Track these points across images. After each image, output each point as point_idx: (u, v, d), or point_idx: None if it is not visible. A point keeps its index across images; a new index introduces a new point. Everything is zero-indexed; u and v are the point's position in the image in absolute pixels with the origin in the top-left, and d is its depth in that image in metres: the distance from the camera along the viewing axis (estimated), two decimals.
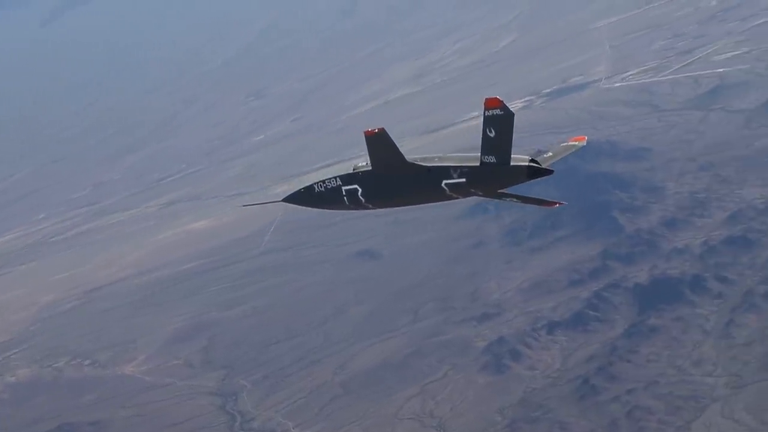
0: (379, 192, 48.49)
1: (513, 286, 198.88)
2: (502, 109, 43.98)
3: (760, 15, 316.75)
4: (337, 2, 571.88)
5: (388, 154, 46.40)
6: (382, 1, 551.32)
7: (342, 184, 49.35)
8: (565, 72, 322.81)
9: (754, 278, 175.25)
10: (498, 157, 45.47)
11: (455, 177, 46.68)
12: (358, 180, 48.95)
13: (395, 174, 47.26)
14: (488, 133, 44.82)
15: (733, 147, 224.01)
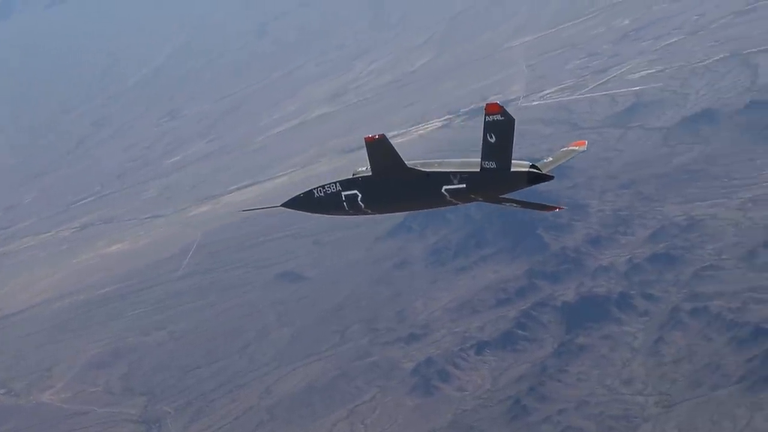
0: (379, 197, 48.29)
1: (439, 306, 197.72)
2: (502, 115, 44.07)
3: (672, 34, 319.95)
4: (248, 23, 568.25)
5: (387, 159, 46.38)
6: (293, 22, 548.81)
7: (341, 190, 49.11)
8: (482, 91, 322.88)
9: (678, 295, 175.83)
10: (498, 163, 45.29)
11: (455, 182, 46.48)
12: (358, 185, 48.67)
13: (395, 179, 47.05)
14: (488, 138, 44.72)
15: (653, 164, 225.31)
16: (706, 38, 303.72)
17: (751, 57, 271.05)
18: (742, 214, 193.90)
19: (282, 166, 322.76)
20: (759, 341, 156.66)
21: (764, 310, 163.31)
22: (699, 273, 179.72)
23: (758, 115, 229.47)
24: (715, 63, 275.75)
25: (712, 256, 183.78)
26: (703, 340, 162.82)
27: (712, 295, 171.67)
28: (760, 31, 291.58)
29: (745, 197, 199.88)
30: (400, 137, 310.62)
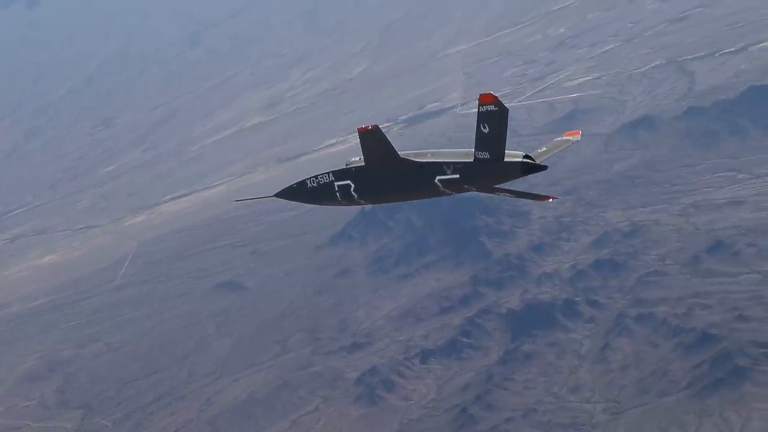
0: (372, 188, 48.01)
1: (382, 315, 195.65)
2: (496, 105, 43.73)
3: (608, 42, 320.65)
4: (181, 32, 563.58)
5: (380, 150, 46.05)
6: (226, 31, 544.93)
7: (334, 180, 48.73)
8: (420, 98, 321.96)
9: (623, 301, 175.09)
10: (492, 153, 45.16)
11: (449, 173, 46.42)
12: (351, 175, 48.31)
13: (388, 170, 46.86)
14: (482, 128, 44.61)
15: (594, 171, 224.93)
16: (642, 45, 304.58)
17: (686, 64, 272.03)
18: (684, 220, 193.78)
19: (219, 175, 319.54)
20: (706, 347, 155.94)
21: (710, 315, 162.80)
22: (643, 279, 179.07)
23: (696, 121, 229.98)
24: (652, 70, 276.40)
25: (656, 261, 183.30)
26: (649, 347, 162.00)
27: (657, 301, 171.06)
28: (694, 38, 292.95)
29: (687, 203, 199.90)
30: (339, 145, 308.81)
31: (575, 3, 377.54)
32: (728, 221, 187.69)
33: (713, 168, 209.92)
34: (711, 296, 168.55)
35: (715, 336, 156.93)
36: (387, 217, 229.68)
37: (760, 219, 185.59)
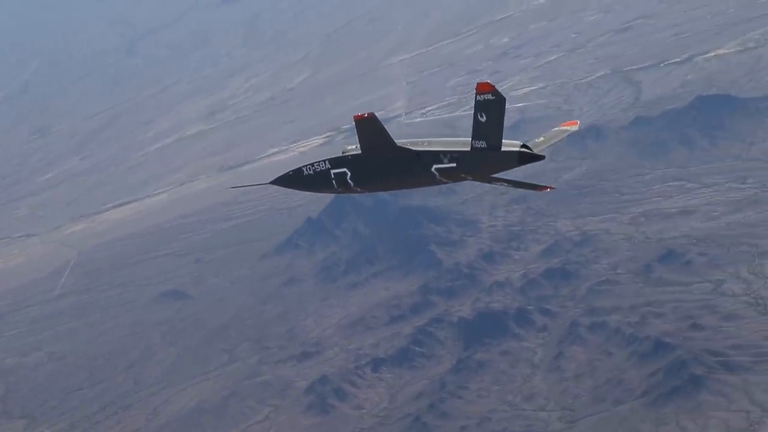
0: (368, 175, 48.00)
1: (332, 324, 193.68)
2: (493, 94, 43.45)
3: (552, 52, 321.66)
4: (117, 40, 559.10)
5: (377, 138, 45.97)
6: (163, 39, 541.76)
7: (331, 167, 48.67)
8: (363, 107, 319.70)
9: (576, 310, 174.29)
10: (489, 142, 44.95)
11: (445, 162, 46.21)
12: (348, 163, 48.29)
13: (384, 158, 46.88)
14: (479, 118, 44.24)
15: (542, 180, 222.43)
16: (586, 56, 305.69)
17: (632, 74, 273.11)
18: (634, 229, 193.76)
19: (160, 183, 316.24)
20: (660, 355, 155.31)
21: (663, 324, 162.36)
22: (595, 288, 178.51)
23: (644, 131, 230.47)
24: (597, 80, 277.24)
25: (607, 270, 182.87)
26: (603, 355, 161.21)
27: (609, 310, 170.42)
28: (639, 49, 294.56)
29: (636, 212, 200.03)
30: (281, 154, 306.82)
31: (517, 14, 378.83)
32: (679, 230, 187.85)
33: (662, 177, 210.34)
34: (664, 305, 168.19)
35: (670, 345, 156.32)
36: (334, 226, 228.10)
37: (711, 228, 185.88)
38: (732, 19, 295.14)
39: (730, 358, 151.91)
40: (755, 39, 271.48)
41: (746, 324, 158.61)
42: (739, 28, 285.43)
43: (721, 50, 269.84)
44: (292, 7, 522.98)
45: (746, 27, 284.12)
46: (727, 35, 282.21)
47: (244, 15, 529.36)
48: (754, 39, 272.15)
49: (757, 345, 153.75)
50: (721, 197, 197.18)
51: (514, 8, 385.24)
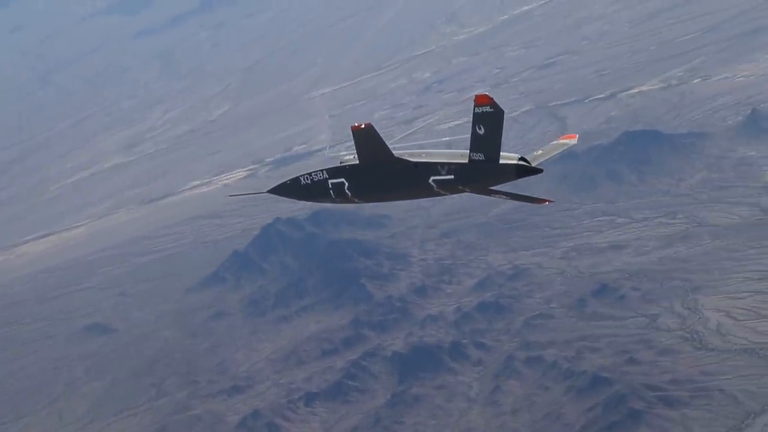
0: (366, 186, 47.82)
1: (262, 357, 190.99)
2: (491, 106, 43.51)
3: (475, 86, 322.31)
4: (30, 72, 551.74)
5: (374, 149, 45.82)
6: (78, 72, 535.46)
7: (328, 177, 48.57)
8: (287, 140, 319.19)
9: (511, 344, 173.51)
10: (487, 155, 44.80)
11: (443, 174, 46.12)
12: (345, 173, 48.18)
13: (382, 169, 46.73)
14: (477, 130, 44.28)
15: (472, 214, 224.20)
16: (510, 91, 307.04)
17: (557, 109, 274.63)
18: (566, 263, 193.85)
19: (80, 216, 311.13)
20: (598, 390, 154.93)
21: (600, 359, 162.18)
22: (529, 322, 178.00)
23: (571, 166, 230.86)
24: (523, 115, 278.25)
25: (541, 305, 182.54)
26: (540, 390, 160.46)
27: (545, 344, 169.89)
28: (562, 84, 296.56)
29: (568, 246, 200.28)
30: (204, 186, 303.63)
31: (438, 48, 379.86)
32: (611, 265, 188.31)
33: (592, 212, 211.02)
34: (599, 339, 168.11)
35: (608, 379, 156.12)
36: (261, 259, 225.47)
37: (643, 263, 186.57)
38: (653, 57, 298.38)
39: (669, 392, 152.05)
40: (677, 76, 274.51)
41: (683, 359, 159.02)
42: (661, 65, 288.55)
43: (645, 86, 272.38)
44: (209, 39, 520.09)
45: (668, 64, 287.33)
46: (649, 72, 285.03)
47: (160, 47, 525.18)
48: (677, 76, 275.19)
49: (695, 380, 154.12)
50: (651, 232, 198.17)
51: (436, 43, 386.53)
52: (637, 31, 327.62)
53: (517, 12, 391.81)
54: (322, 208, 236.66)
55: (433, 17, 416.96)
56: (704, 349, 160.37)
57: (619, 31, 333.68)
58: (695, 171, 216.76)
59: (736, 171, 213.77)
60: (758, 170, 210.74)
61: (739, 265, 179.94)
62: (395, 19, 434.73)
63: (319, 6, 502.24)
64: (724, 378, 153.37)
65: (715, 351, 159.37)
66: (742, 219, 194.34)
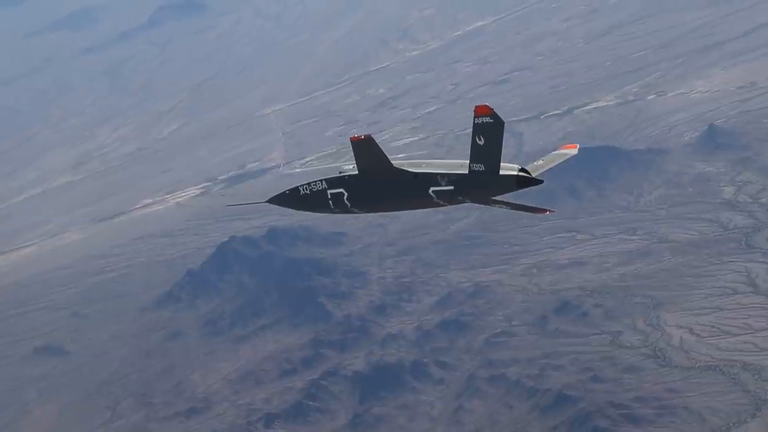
0: (366, 197, 47.65)
1: (219, 378, 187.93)
2: (492, 117, 43.55)
3: (430, 103, 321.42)
4: None
5: (374, 159, 45.48)
6: (25, 89, 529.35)
7: (327, 188, 48.43)
8: (240, 158, 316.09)
9: (473, 362, 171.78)
10: (487, 166, 44.76)
11: (443, 184, 46.07)
12: (345, 184, 47.99)
13: (382, 179, 46.37)
14: (477, 141, 44.21)
15: (430, 231, 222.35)
16: (465, 107, 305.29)
17: (513, 125, 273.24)
18: (527, 281, 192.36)
19: (30, 235, 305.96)
20: (562, 408, 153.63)
21: (564, 376, 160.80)
22: (491, 340, 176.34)
23: None
24: None
25: (502, 322, 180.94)
26: (504, 408, 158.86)
27: (507, 362, 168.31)
28: (517, 100, 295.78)
29: (528, 263, 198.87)
30: (157, 205, 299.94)
31: (392, 65, 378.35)
32: (572, 282, 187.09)
33: (552, 229, 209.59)
34: (562, 357, 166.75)
35: (572, 397, 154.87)
36: (217, 278, 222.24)
37: (604, 280, 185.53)
38: (608, 73, 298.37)
39: (634, 410, 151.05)
40: (633, 92, 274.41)
41: (647, 376, 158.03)
42: (617, 81, 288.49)
43: (601, 102, 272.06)
44: (157, 56, 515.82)
45: (623, 80, 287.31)
46: (604, 88, 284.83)
47: (108, 63, 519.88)
48: (633, 92, 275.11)
49: (659, 397, 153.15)
50: (612, 249, 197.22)
51: (389, 59, 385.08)
52: (591, 47, 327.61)
53: (469, 28, 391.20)
54: (278, 226, 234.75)
55: (385, 33, 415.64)
56: (668, 366, 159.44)
57: (572, 48, 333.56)
58: (653, 187, 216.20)
59: (695, 187, 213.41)
60: (716, 186, 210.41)
61: (700, 281, 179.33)
62: (347, 35, 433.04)
63: (269, 23, 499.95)
64: (688, 395, 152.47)
65: (679, 368, 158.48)
66: (702, 235, 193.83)
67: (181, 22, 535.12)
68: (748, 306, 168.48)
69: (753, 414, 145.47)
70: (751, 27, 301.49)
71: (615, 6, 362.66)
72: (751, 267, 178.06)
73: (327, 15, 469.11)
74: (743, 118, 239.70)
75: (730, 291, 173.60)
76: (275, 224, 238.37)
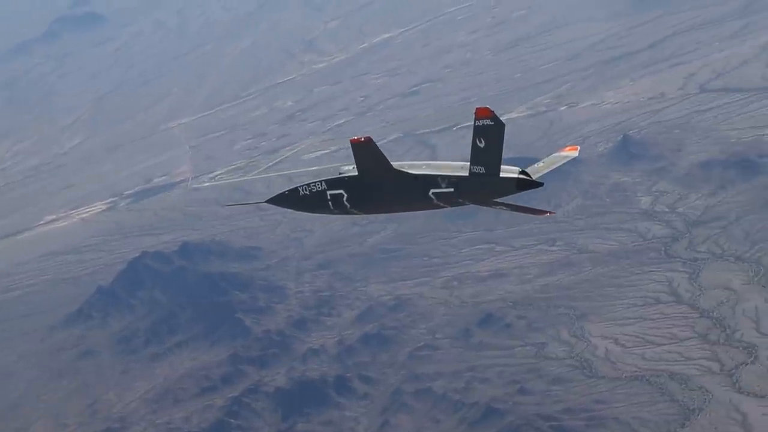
0: (365, 198, 47.59)
1: (136, 397, 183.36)
2: (492, 119, 43.55)
3: (340, 115, 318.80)
4: None
5: (374, 161, 45.46)
6: None
7: (327, 188, 48.20)
8: (146, 172, 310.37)
9: (398, 377, 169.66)
10: (487, 168, 44.63)
11: (443, 186, 45.96)
12: (344, 185, 47.86)
13: (381, 180, 46.34)
14: (478, 143, 44.16)
15: (347, 244, 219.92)
16: (375, 119, 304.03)
17: (426, 137, 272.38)
18: (448, 293, 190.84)
19: None
20: (491, 421, 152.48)
21: (490, 389, 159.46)
22: (415, 353, 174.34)
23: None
24: (391, 143, 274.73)
25: (425, 335, 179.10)
26: (431, 422, 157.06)
27: (433, 376, 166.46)
28: (428, 112, 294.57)
29: (449, 276, 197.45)
30: (61, 221, 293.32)
31: (298, 77, 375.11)
32: (494, 294, 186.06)
33: (470, 241, 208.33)
34: (488, 370, 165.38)
35: (500, 410, 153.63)
36: (129, 295, 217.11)
37: (526, 291, 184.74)
38: (519, 84, 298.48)
39: (563, 422, 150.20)
40: (545, 103, 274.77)
41: (574, 387, 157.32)
42: (527, 92, 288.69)
43: (513, 114, 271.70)
44: (56, 70, 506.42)
45: (534, 92, 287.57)
46: (516, 99, 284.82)
47: (4, 77, 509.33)
48: (544, 103, 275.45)
49: (588, 408, 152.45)
50: (532, 260, 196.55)
51: (296, 72, 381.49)
52: (500, 59, 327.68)
53: (376, 40, 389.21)
54: (191, 241, 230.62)
55: (289, 45, 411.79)
56: (595, 377, 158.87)
57: (481, 59, 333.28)
58: (570, 198, 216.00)
59: (611, 197, 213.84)
60: (633, 196, 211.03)
61: (622, 291, 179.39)
62: (251, 47, 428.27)
63: (170, 35, 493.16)
64: (617, 406, 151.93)
65: (605, 379, 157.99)
66: (622, 245, 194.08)
67: (80, 35, 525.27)
68: (672, 315, 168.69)
69: (682, 423, 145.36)
70: (657, 39, 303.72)
71: (521, 18, 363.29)
72: (673, 276, 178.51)
73: (229, 27, 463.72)
74: (655, 128, 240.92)
75: (652, 301, 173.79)
76: (187, 239, 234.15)
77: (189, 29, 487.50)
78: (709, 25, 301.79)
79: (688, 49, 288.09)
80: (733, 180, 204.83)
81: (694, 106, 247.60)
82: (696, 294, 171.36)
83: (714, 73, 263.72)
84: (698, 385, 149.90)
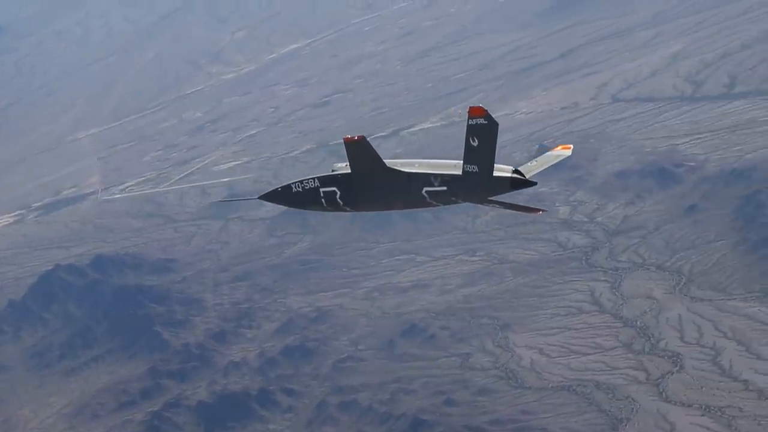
0: (358, 195, 47.70)
1: (53, 413, 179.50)
2: (486, 119, 43.26)
3: (251, 126, 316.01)
4: None
5: (367, 160, 45.62)
6: None
7: (320, 186, 48.25)
8: (55, 184, 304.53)
9: (322, 389, 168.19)
10: (481, 167, 44.65)
11: (436, 185, 46.13)
12: (337, 182, 47.93)
13: (375, 178, 46.46)
14: (471, 142, 44.05)
15: (264, 255, 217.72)
16: (287, 130, 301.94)
17: (339, 148, 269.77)
18: (369, 304, 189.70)
19: None
20: None
21: (417, 401, 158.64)
22: (338, 365, 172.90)
23: None
24: (304, 154, 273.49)
25: (348, 347, 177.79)
26: None
27: (357, 388, 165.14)
28: (341, 122, 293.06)
29: (369, 287, 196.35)
30: None
31: (206, 88, 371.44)
32: (416, 304, 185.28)
33: (389, 251, 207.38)
34: (413, 381, 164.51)
35: (427, 422, 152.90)
36: (42, 309, 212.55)
37: (448, 302, 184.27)
38: (431, 94, 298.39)
39: None
40: (458, 113, 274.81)
41: (501, 398, 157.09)
42: (440, 102, 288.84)
43: (426, 124, 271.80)
44: None
45: (446, 101, 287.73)
46: (428, 109, 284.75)
47: None
48: (457, 113, 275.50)
49: (516, 419, 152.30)
50: (453, 270, 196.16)
51: (203, 83, 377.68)
52: (410, 69, 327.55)
53: (284, 51, 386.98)
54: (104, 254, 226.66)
55: (196, 57, 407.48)
56: (521, 387, 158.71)
57: (391, 70, 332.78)
58: (488, 208, 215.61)
59: None
60: (551, 206, 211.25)
61: (545, 301, 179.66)
62: (156, 58, 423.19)
63: (73, 46, 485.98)
64: (544, 416, 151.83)
65: (532, 389, 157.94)
66: (542, 255, 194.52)
67: None
68: (595, 325, 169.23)
69: None
70: (568, 49, 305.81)
71: (430, 28, 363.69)
72: (594, 286, 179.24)
73: (133, 38, 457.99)
74: (569, 138, 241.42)
75: (575, 310, 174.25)
76: (100, 252, 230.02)
77: (92, 40, 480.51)
78: (619, 35, 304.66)
79: (599, 59, 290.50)
80: (650, 189, 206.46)
81: (607, 116, 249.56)
82: (618, 303, 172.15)
83: (626, 82, 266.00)
84: (625, 395, 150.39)
